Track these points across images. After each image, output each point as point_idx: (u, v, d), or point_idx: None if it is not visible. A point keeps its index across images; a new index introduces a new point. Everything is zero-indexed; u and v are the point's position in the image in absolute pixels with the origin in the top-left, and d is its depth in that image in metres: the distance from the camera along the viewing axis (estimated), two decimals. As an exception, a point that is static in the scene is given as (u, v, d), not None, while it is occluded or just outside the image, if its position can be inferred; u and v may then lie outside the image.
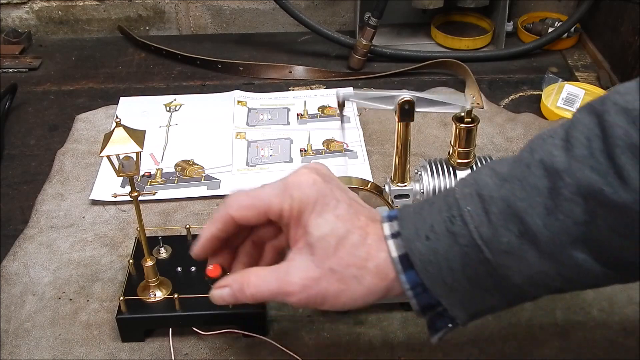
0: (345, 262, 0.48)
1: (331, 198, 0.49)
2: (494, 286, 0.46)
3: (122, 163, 0.59)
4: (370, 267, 0.48)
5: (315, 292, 0.48)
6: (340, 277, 0.48)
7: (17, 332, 0.69)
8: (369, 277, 0.48)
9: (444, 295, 0.47)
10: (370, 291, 0.48)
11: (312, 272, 0.48)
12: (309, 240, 0.49)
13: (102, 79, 1.17)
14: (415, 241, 0.46)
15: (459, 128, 0.69)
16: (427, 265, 0.46)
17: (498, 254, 0.44)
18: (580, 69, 1.17)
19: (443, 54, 1.19)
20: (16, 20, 1.32)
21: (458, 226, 0.45)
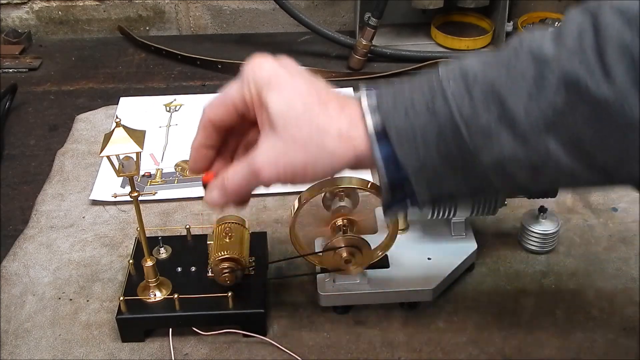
0: (306, 129, 0.49)
1: (285, 74, 0.50)
2: (463, 167, 0.47)
3: (122, 163, 0.59)
4: (332, 132, 0.48)
5: (282, 165, 0.50)
6: (303, 145, 0.49)
7: (17, 332, 0.69)
8: (332, 142, 0.48)
9: (414, 172, 0.47)
10: (335, 157, 0.49)
11: (276, 147, 0.50)
12: (270, 119, 0.50)
13: (102, 79, 1.17)
14: (394, 115, 0.47)
15: (459, 128, 0.69)
16: (403, 139, 0.46)
17: (474, 134, 0.45)
18: (580, 69, 1.17)
19: (443, 54, 1.19)
20: (16, 21, 1.32)
21: (439, 104, 0.45)
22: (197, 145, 0.56)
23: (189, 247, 0.74)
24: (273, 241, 0.78)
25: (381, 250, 0.69)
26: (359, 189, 0.65)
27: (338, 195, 0.66)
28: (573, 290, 0.73)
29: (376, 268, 0.70)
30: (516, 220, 0.81)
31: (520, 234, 0.78)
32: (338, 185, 0.65)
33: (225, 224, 0.70)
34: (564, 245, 0.78)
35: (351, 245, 0.65)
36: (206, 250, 0.69)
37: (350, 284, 0.69)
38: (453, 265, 0.71)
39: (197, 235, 0.75)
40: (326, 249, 0.66)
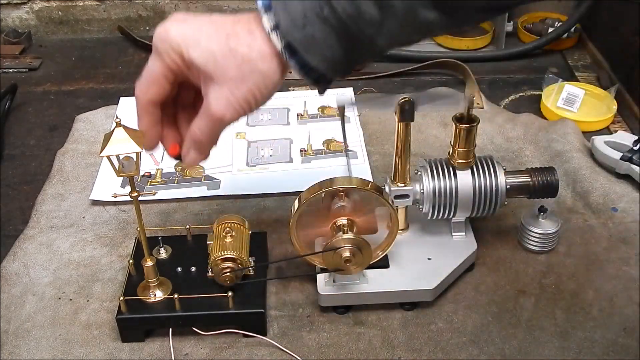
0: (236, 64, 0.54)
1: (191, 29, 0.56)
2: (365, 50, 0.55)
3: (122, 163, 0.59)
4: (256, 56, 0.54)
5: (235, 102, 0.56)
6: (241, 78, 0.55)
7: (17, 332, 0.69)
8: (261, 63, 0.55)
9: (326, 67, 0.55)
10: (269, 74, 0.55)
11: (221, 90, 0.56)
12: (203, 73, 0.56)
13: (102, 79, 1.17)
14: (294, 31, 0.53)
15: (459, 128, 0.69)
16: (308, 48, 0.53)
17: (365, 26, 0.52)
18: (580, 69, 1.17)
19: (443, 54, 1.19)
20: (16, 21, 1.32)
21: (327, 11, 0.51)
22: (147, 127, 0.60)
23: (189, 247, 0.74)
24: (273, 241, 0.78)
25: (381, 250, 0.69)
26: (359, 189, 0.65)
27: (338, 195, 0.66)
28: (573, 290, 0.73)
29: (376, 268, 0.70)
30: (516, 220, 0.81)
31: (520, 234, 0.78)
32: (338, 185, 0.65)
33: (225, 224, 0.70)
34: (564, 245, 0.78)
35: (351, 245, 0.65)
36: (206, 250, 0.69)
37: (350, 284, 0.69)
38: (453, 265, 0.71)
39: (197, 235, 0.75)
40: (326, 249, 0.66)
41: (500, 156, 0.93)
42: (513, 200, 0.80)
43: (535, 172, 0.73)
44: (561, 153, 0.91)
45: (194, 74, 0.57)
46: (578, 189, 0.86)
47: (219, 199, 0.87)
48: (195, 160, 0.62)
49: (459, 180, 0.71)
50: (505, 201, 0.72)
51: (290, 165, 0.93)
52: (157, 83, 0.58)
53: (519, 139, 0.96)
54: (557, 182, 0.73)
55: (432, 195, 0.71)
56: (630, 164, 0.85)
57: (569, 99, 1.02)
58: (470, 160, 0.71)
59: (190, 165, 0.63)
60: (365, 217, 0.67)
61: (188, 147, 0.61)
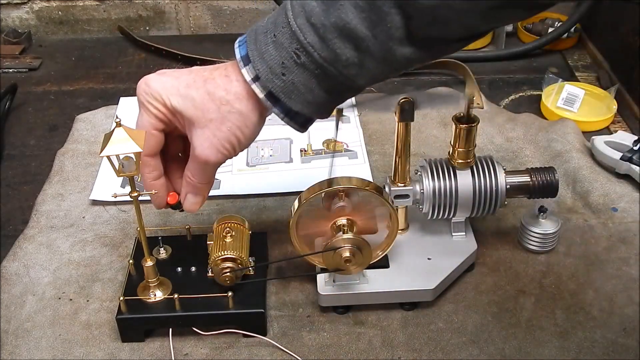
0: (214, 107, 0.57)
1: (170, 79, 0.59)
2: (346, 90, 0.57)
3: (122, 163, 0.59)
4: (232, 98, 0.57)
5: (218, 144, 0.58)
6: (221, 119, 0.57)
7: (17, 332, 0.69)
8: (238, 104, 0.57)
9: (310, 110, 0.57)
10: (248, 112, 0.57)
11: (204, 135, 0.58)
12: (185, 118, 0.59)
13: (102, 79, 1.17)
14: (274, 80, 0.55)
15: (459, 128, 0.69)
16: (290, 94, 0.55)
17: (343, 68, 0.54)
18: (580, 69, 1.17)
19: (443, 54, 1.19)
20: (16, 21, 1.32)
21: (304, 58, 0.53)
22: (149, 182, 0.63)
23: (189, 247, 0.74)
24: (273, 241, 0.78)
25: (381, 250, 0.69)
26: (359, 189, 0.65)
27: (338, 195, 0.66)
28: (573, 290, 0.73)
29: (376, 268, 0.70)
30: (516, 220, 0.81)
31: (520, 234, 0.78)
32: (338, 186, 0.65)
33: (225, 224, 0.70)
34: (564, 245, 0.78)
35: (351, 245, 0.65)
36: (206, 250, 0.69)
37: (350, 284, 0.69)
38: (453, 265, 0.71)
39: (197, 235, 0.75)
40: (326, 249, 0.66)
41: (500, 156, 0.93)
42: (513, 200, 0.80)
43: (535, 172, 0.73)
44: (561, 153, 0.91)
45: (179, 121, 0.60)
46: (578, 189, 0.86)
47: (219, 199, 0.87)
48: (195, 204, 0.65)
49: (459, 180, 0.71)
50: (505, 201, 0.72)
51: (290, 165, 0.93)
52: (150, 135, 0.60)
53: (519, 139, 0.96)
54: (557, 182, 0.73)
55: (432, 195, 0.71)
56: (630, 164, 0.85)
57: (569, 99, 1.02)
58: (470, 160, 0.71)
59: (191, 210, 0.65)
60: (365, 217, 0.67)
61: (185, 192, 0.64)
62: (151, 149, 0.62)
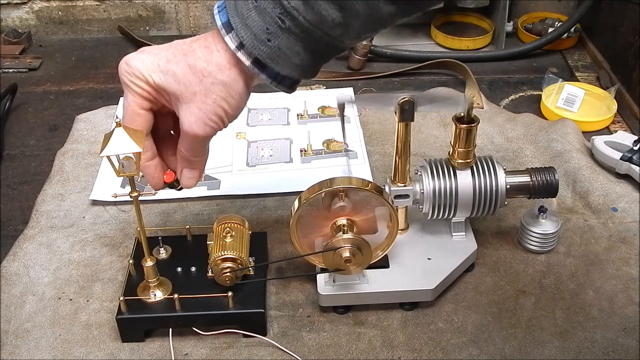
0: (197, 80, 0.56)
1: (150, 56, 0.58)
2: (332, 51, 0.57)
3: (122, 163, 0.59)
4: (214, 68, 0.56)
5: (205, 117, 0.58)
6: (205, 92, 0.57)
7: (17, 333, 0.69)
8: (220, 74, 0.56)
9: (298, 73, 0.57)
10: (231, 82, 0.57)
11: (190, 109, 0.57)
12: (170, 94, 0.58)
13: (102, 79, 1.17)
14: (259, 46, 0.54)
15: (459, 128, 0.69)
16: (276, 59, 0.55)
17: (329, 29, 0.54)
18: (580, 69, 1.17)
19: (443, 54, 1.19)
20: (16, 21, 1.32)
21: (288, 22, 0.53)
22: (145, 162, 0.63)
23: (189, 247, 0.74)
24: (273, 241, 0.78)
25: (381, 250, 0.69)
26: (359, 189, 0.65)
27: (338, 195, 0.66)
28: (573, 290, 0.73)
29: (376, 268, 0.70)
30: (516, 220, 0.81)
31: (520, 234, 0.78)
32: (338, 186, 0.65)
33: (225, 224, 0.70)
34: (564, 245, 0.78)
35: (351, 245, 0.65)
36: (206, 250, 0.69)
37: (350, 284, 0.69)
38: (453, 265, 0.71)
39: (197, 235, 0.75)
40: (326, 249, 0.66)
41: (500, 156, 0.93)
42: (513, 200, 0.80)
43: (535, 172, 0.73)
44: (561, 153, 0.91)
45: (164, 97, 0.59)
46: (578, 189, 0.86)
47: (219, 199, 0.87)
48: (192, 179, 0.65)
49: (459, 180, 0.71)
50: (505, 201, 0.72)
51: (290, 165, 0.93)
52: (137, 115, 0.60)
53: (519, 139, 0.96)
54: (557, 182, 0.73)
55: (432, 196, 0.71)
56: (630, 164, 0.85)
57: (569, 99, 1.02)
58: (470, 160, 0.71)
59: (189, 185, 0.65)
60: (365, 217, 0.67)
61: (180, 168, 0.64)
62: (138, 127, 0.60)
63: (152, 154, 0.63)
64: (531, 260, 0.77)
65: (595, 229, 0.81)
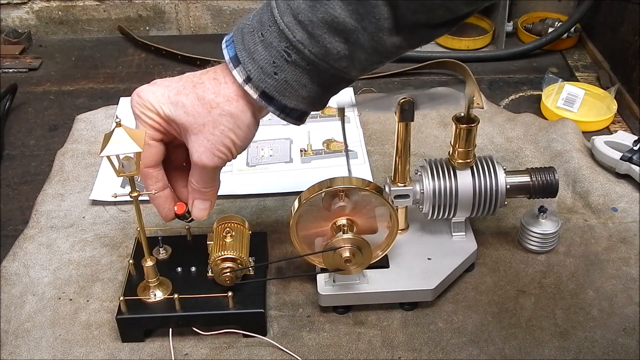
0: (205, 111, 0.57)
1: (161, 88, 0.59)
2: (339, 83, 0.57)
3: (122, 163, 0.59)
4: (222, 100, 0.57)
5: (213, 148, 0.58)
6: (213, 123, 0.57)
7: (17, 333, 0.69)
8: (227, 106, 0.57)
9: (305, 105, 0.57)
10: (239, 113, 0.57)
11: (198, 140, 0.58)
12: (180, 126, 0.59)
13: (102, 79, 1.17)
14: (266, 79, 0.55)
15: (459, 128, 0.69)
16: (283, 92, 0.55)
17: (335, 62, 0.54)
18: (580, 69, 1.17)
19: (443, 54, 1.19)
20: (16, 21, 1.32)
21: (294, 55, 0.53)
22: (152, 195, 0.63)
23: (189, 247, 0.74)
24: (273, 241, 0.78)
25: (381, 250, 0.69)
26: (359, 189, 0.65)
27: (338, 195, 0.66)
28: (573, 290, 0.73)
29: (376, 268, 0.70)
30: (516, 220, 0.81)
31: (520, 234, 0.78)
32: (338, 186, 0.65)
33: (225, 224, 0.70)
34: (564, 245, 0.78)
35: (351, 245, 0.65)
36: (206, 250, 0.69)
37: (350, 284, 0.69)
38: (453, 265, 0.71)
39: (197, 235, 0.75)
40: (326, 249, 0.66)
41: (500, 156, 0.93)
42: (513, 200, 0.80)
43: (535, 172, 0.73)
44: (561, 153, 0.91)
45: (175, 129, 0.60)
46: (578, 189, 0.86)
47: (219, 199, 0.87)
48: (203, 210, 0.65)
49: (459, 180, 0.71)
50: (505, 201, 0.72)
51: (290, 165, 0.93)
52: (148, 146, 0.60)
53: (519, 139, 0.96)
54: (557, 182, 0.73)
55: (432, 196, 0.71)
56: (630, 164, 0.85)
57: (569, 99, 1.02)
58: (470, 160, 0.71)
59: (200, 217, 0.65)
60: (365, 217, 0.67)
61: (192, 199, 0.64)
62: (151, 160, 0.61)
63: (163, 184, 0.64)
64: (531, 260, 0.77)
65: (595, 229, 0.81)
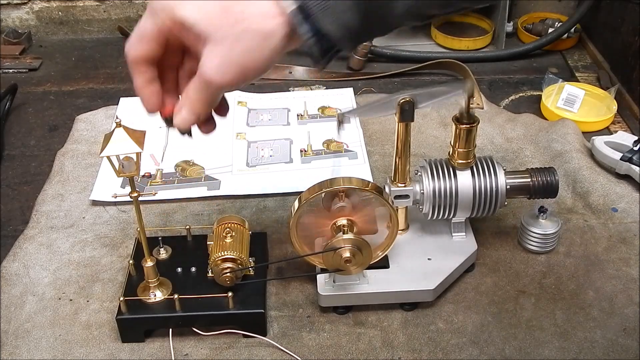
0: (229, 23, 0.50)
1: None
2: (380, 21, 0.52)
3: (122, 163, 0.59)
4: (252, 13, 0.50)
5: (228, 65, 0.51)
6: (236, 38, 0.50)
7: (17, 333, 0.69)
8: (258, 21, 0.50)
9: (341, 34, 0.51)
10: (268, 33, 0.50)
11: (214, 52, 0.51)
12: (195, 32, 0.51)
13: (102, 79, 1.17)
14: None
15: (459, 128, 0.69)
16: (324, 11, 0.49)
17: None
18: (580, 70, 1.17)
19: (443, 55, 1.19)
20: (16, 21, 1.32)
21: None
22: (139, 85, 0.57)
23: (189, 247, 0.74)
24: (273, 241, 0.78)
25: (381, 250, 0.69)
26: (359, 189, 0.65)
27: (338, 196, 0.66)
28: (573, 290, 0.73)
29: (376, 268, 0.70)
30: (516, 221, 0.81)
31: (520, 234, 0.78)
32: (338, 186, 0.65)
33: (225, 224, 0.70)
34: (564, 245, 0.78)
35: (351, 246, 0.65)
36: (206, 250, 0.69)
37: (350, 285, 0.69)
38: (453, 266, 0.71)
39: (197, 235, 0.75)
40: (326, 249, 0.66)
41: (500, 156, 0.93)
42: (513, 200, 0.80)
43: (535, 172, 0.73)
44: (561, 153, 0.91)
45: (187, 35, 0.53)
46: (578, 189, 0.86)
47: (219, 199, 0.87)
48: (186, 121, 0.57)
49: (459, 180, 0.71)
50: (505, 201, 0.72)
51: (290, 165, 0.93)
52: (146, 42, 0.54)
53: (519, 139, 0.96)
54: (557, 183, 0.73)
55: (432, 196, 0.71)
56: (630, 164, 0.85)
57: (569, 99, 1.02)
58: (470, 160, 0.71)
59: (179, 126, 0.58)
60: (365, 217, 0.67)
61: (180, 105, 0.57)
62: (141, 53, 0.55)
63: (152, 76, 0.57)
64: (531, 260, 0.77)
65: (595, 229, 0.81)
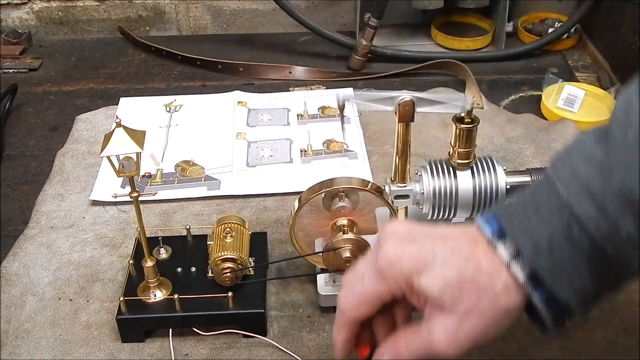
0: (475, 297, 0.47)
1: (424, 252, 0.48)
2: (615, 277, 0.47)
3: (122, 163, 0.59)
4: (499, 289, 0.47)
5: (463, 338, 0.48)
6: (480, 313, 0.47)
7: (17, 333, 0.69)
8: (504, 299, 0.47)
9: (575, 299, 0.46)
10: (511, 309, 0.47)
11: (451, 324, 0.48)
12: (432, 302, 0.48)
13: (102, 79, 1.17)
14: (539, 258, 0.45)
15: (459, 128, 0.69)
16: (556, 276, 0.45)
17: (619, 246, 0.44)
18: (580, 70, 1.17)
19: (443, 55, 1.19)
20: (16, 21, 1.32)
21: (577, 231, 0.44)
22: (344, 342, 0.54)
23: (189, 247, 0.74)
24: (273, 241, 0.78)
25: (381, 250, 0.69)
26: (359, 189, 0.65)
27: (338, 196, 0.66)
28: (573, 291, 0.73)
29: (376, 268, 0.70)
30: (516, 221, 0.81)
31: (520, 234, 0.78)
32: (338, 186, 0.65)
33: (225, 224, 0.70)
34: (564, 246, 0.78)
35: (351, 246, 0.65)
36: (206, 250, 0.69)
37: (350, 284, 0.69)
38: (453, 266, 0.71)
39: (197, 235, 0.75)
40: (326, 249, 0.66)
41: (500, 156, 0.93)
42: (513, 201, 0.79)
43: (535, 172, 0.73)
44: (561, 153, 0.91)
45: (417, 300, 0.50)
46: (578, 189, 0.86)
47: (219, 199, 0.87)
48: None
49: (459, 180, 0.71)
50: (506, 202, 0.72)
51: (290, 165, 0.93)
52: (371, 304, 0.51)
53: (519, 139, 0.96)
54: (557, 183, 0.73)
55: (432, 196, 0.71)
56: (630, 164, 0.85)
57: (569, 99, 1.02)
58: (471, 160, 0.71)
59: None
60: (365, 217, 0.67)
61: (383, 353, 0.52)
62: (362, 315, 0.52)
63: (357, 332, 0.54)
64: (531, 260, 0.76)
65: (595, 229, 0.80)
